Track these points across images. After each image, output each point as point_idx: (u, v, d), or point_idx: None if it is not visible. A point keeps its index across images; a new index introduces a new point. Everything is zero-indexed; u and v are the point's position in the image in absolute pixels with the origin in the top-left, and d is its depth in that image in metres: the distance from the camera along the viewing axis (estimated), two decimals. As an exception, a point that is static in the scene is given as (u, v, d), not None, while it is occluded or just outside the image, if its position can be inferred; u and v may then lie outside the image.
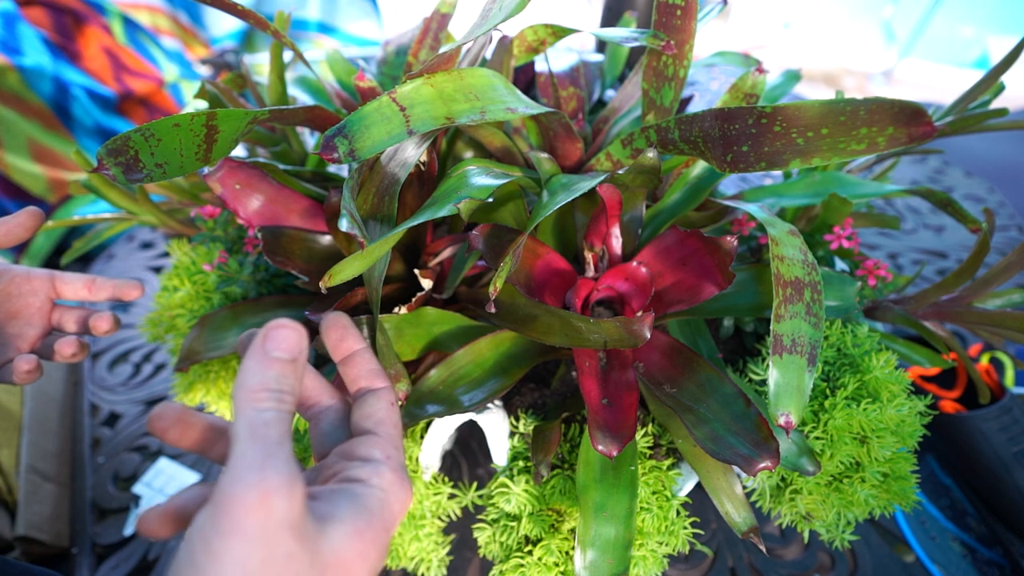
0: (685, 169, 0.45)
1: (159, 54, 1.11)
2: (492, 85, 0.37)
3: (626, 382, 0.36)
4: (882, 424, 0.38)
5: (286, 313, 0.46)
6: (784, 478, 0.40)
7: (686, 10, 0.39)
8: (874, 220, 0.50)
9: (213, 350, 0.44)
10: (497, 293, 0.33)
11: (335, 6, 1.26)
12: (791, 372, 0.32)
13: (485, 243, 0.34)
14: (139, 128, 0.29)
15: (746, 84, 0.43)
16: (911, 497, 0.39)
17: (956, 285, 0.44)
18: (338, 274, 0.30)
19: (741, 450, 0.31)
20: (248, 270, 0.46)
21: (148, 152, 0.30)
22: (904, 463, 0.39)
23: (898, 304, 0.47)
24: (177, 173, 0.32)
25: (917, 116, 0.25)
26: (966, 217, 0.48)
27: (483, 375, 0.38)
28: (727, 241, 0.35)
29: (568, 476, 0.39)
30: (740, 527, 0.37)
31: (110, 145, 0.28)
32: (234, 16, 0.38)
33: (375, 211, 0.35)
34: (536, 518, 0.39)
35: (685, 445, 0.39)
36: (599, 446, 0.31)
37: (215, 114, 0.32)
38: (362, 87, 0.42)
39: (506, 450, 0.41)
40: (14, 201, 0.94)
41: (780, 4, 2.87)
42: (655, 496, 0.38)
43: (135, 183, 0.29)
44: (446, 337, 0.39)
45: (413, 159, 0.35)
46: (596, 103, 0.61)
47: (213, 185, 0.39)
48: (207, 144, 0.33)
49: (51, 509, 0.57)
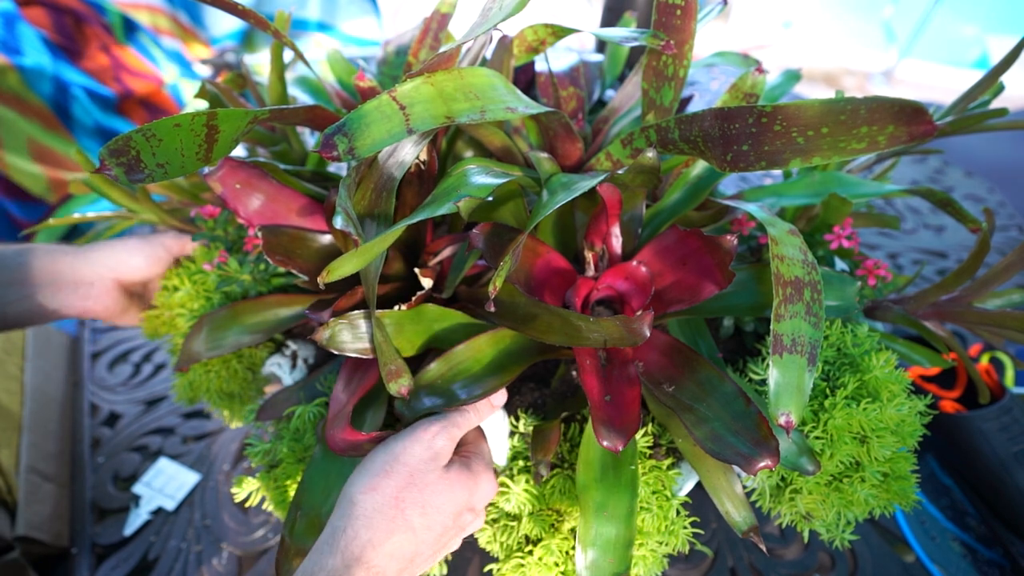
0: (685, 169, 0.45)
1: (159, 54, 1.11)
2: (492, 85, 0.37)
3: (627, 378, 0.36)
4: (882, 424, 0.38)
5: (286, 312, 0.46)
6: (784, 478, 0.40)
7: (686, 10, 0.39)
8: (874, 220, 0.50)
9: (214, 349, 0.44)
10: (497, 292, 0.33)
11: (335, 6, 1.26)
12: (791, 372, 0.32)
13: (485, 242, 0.34)
14: (140, 128, 0.29)
15: (746, 84, 0.44)
16: (911, 497, 0.39)
17: (956, 285, 0.44)
18: (335, 271, 0.30)
19: (741, 449, 0.31)
20: (248, 269, 0.46)
21: (150, 152, 0.30)
22: (904, 463, 0.39)
23: (898, 304, 0.47)
24: (178, 173, 0.32)
25: (917, 114, 0.25)
26: (966, 217, 0.48)
27: (481, 371, 0.38)
28: (727, 240, 0.35)
29: (568, 476, 0.39)
30: (740, 526, 0.37)
31: (112, 146, 0.28)
32: (235, 16, 0.38)
33: (372, 209, 0.35)
34: (536, 518, 0.39)
35: (685, 444, 0.39)
36: (604, 441, 0.31)
37: (216, 114, 0.32)
38: (362, 87, 0.42)
39: (506, 450, 0.41)
40: (14, 201, 0.93)
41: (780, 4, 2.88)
42: (655, 496, 0.38)
43: (137, 183, 0.29)
44: (446, 334, 0.39)
45: (411, 158, 0.35)
46: (596, 103, 0.61)
47: (213, 184, 0.39)
48: (208, 144, 0.33)
49: (51, 509, 0.57)
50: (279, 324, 0.45)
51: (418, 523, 0.31)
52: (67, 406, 0.69)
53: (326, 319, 0.35)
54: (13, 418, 0.62)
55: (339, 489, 0.37)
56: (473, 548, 0.51)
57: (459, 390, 0.36)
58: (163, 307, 0.50)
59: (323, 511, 0.37)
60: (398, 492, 0.31)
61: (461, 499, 0.33)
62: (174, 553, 0.55)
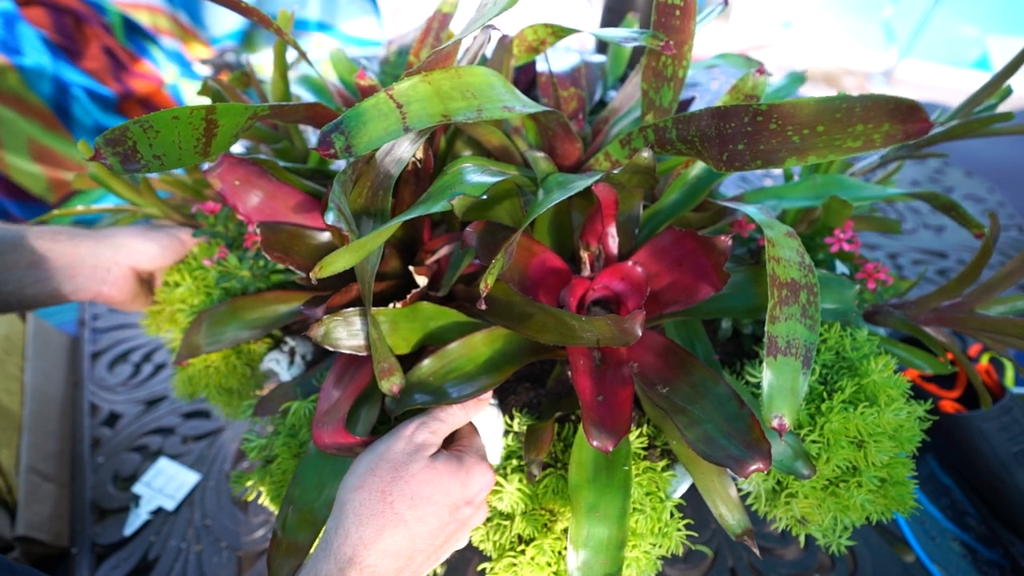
0: (684, 170, 0.45)
1: (159, 54, 1.11)
2: (490, 84, 0.37)
3: (620, 379, 0.36)
4: (880, 428, 0.37)
5: (285, 308, 0.46)
6: (780, 481, 0.40)
7: (685, 10, 0.39)
8: (875, 224, 0.50)
9: (213, 344, 0.45)
10: (489, 290, 0.33)
11: (335, 6, 1.26)
12: (785, 374, 0.32)
13: (479, 240, 0.34)
14: (138, 120, 0.29)
15: (747, 85, 0.43)
16: (909, 503, 0.38)
17: (958, 291, 0.44)
18: (328, 266, 0.30)
19: (733, 452, 0.31)
20: (247, 266, 0.46)
21: (146, 143, 0.30)
22: (902, 468, 0.38)
23: (899, 309, 0.46)
24: (175, 165, 0.33)
25: (913, 112, 0.25)
26: (970, 222, 0.48)
27: (475, 369, 0.38)
28: (721, 241, 0.34)
29: (561, 475, 0.39)
30: (734, 529, 0.36)
31: (108, 135, 0.28)
32: (239, 13, 0.38)
33: (368, 206, 0.35)
34: (529, 517, 0.38)
35: (679, 446, 0.38)
36: (594, 441, 0.31)
37: (215, 108, 0.33)
38: (363, 85, 0.43)
39: (500, 448, 0.41)
40: (14, 201, 0.94)
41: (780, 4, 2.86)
42: (648, 497, 0.38)
43: (132, 172, 0.29)
44: (442, 332, 0.39)
45: (408, 155, 0.35)
46: (597, 103, 0.61)
47: (213, 181, 0.40)
48: (206, 138, 0.34)
49: (51, 509, 0.57)
50: (277, 320, 0.46)
51: (409, 516, 0.31)
52: (67, 406, 0.69)
53: (320, 315, 0.35)
54: (13, 418, 0.62)
55: (332, 484, 0.37)
56: (471, 547, 0.51)
57: (450, 388, 0.36)
58: (164, 302, 0.50)
59: (316, 506, 0.37)
60: (384, 486, 0.31)
61: (453, 490, 0.33)
62: (174, 553, 0.55)
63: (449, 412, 0.36)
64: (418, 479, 0.32)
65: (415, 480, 0.32)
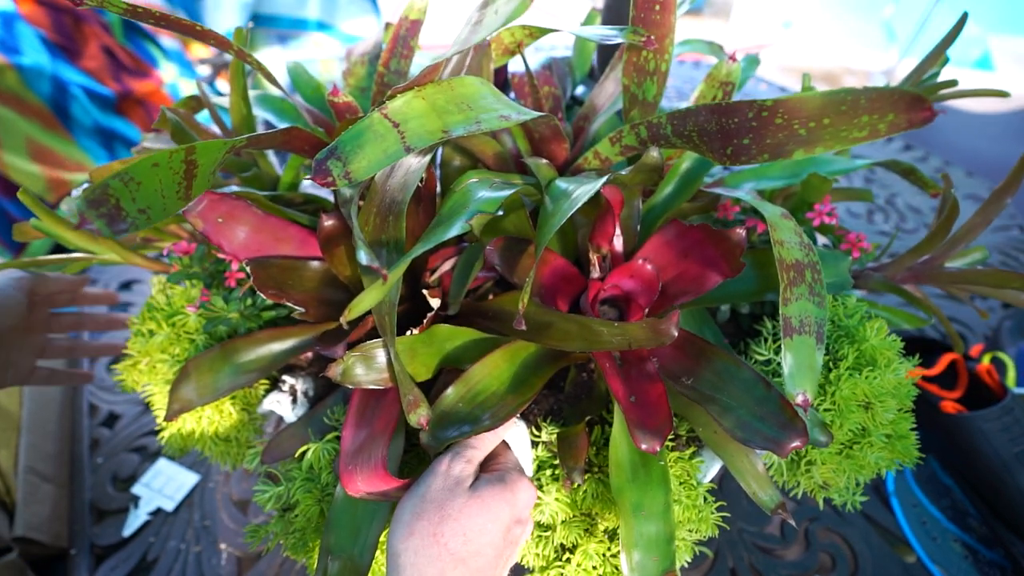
0: (673, 162, 0.46)
1: (158, 54, 1.08)
2: (481, 94, 0.36)
3: (647, 375, 0.36)
4: (883, 389, 0.40)
5: (280, 346, 0.44)
6: (798, 452, 0.42)
7: (664, 4, 0.40)
8: (848, 194, 0.53)
9: (207, 396, 0.42)
10: (503, 303, 0.32)
11: (335, 5, 1.21)
12: (803, 352, 0.33)
13: (500, 257, 0.33)
14: (117, 174, 0.26)
15: (721, 73, 0.44)
16: (914, 454, 0.41)
17: (929, 249, 0.47)
18: (356, 307, 0.28)
19: (769, 433, 0.32)
20: (236, 306, 0.43)
21: (129, 198, 0.27)
22: (904, 422, 0.41)
23: (877, 271, 0.50)
24: (161, 216, 0.30)
25: (917, 102, 0.26)
26: (927, 183, 0.51)
27: (501, 388, 0.37)
28: (736, 233, 0.35)
29: (598, 479, 0.39)
30: (768, 504, 0.38)
31: (89, 196, 0.25)
32: (192, 38, 0.35)
33: (379, 234, 0.33)
34: (570, 524, 0.39)
35: (706, 432, 0.40)
36: (642, 444, 0.31)
37: (194, 148, 0.30)
38: (338, 103, 0.40)
39: (530, 461, 0.40)
40: (13, 201, 0.91)
41: (780, 4, 2.87)
42: (682, 486, 0.39)
43: (121, 234, 0.27)
44: (459, 352, 0.39)
45: (415, 178, 0.33)
46: (569, 100, 0.60)
47: (194, 221, 0.36)
48: (187, 180, 0.31)
49: (50, 510, 0.57)
50: (275, 360, 0.43)
51: (465, 552, 0.30)
52: (66, 407, 0.68)
53: (341, 354, 0.33)
54: (12, 419, 0.62)
55: (368, 527, 0.36)
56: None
57: (482, 414, 0.35)
58: (140, 354, 0.46)
59: (354, 552, 0.35)
60: (434, 528, 0.31)
61: (503, 513, 0.32)
62: (173, 554, 0.55)
63: (480, 438, 0.35)
64: (466, 513, 0.31)
65: (463, 515, 0.31)
